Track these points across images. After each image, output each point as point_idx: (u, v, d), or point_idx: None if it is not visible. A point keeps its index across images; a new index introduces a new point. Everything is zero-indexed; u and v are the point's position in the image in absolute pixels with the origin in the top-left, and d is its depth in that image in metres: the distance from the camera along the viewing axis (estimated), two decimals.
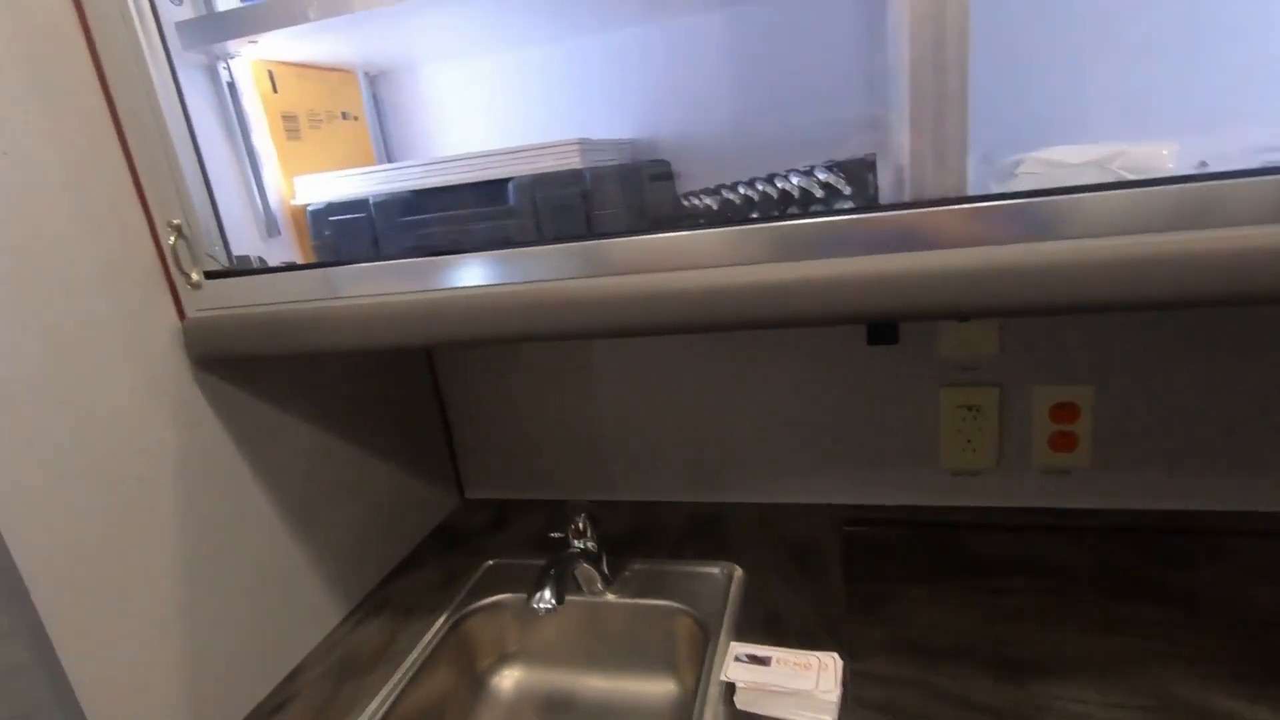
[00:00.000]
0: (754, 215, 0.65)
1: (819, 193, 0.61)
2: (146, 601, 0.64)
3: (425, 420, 1.06)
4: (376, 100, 0.92)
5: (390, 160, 0.93)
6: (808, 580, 0.81)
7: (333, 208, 0.73)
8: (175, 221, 0.65)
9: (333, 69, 0.85)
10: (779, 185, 0.64)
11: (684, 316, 0.54)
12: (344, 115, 0.86)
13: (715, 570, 0.85)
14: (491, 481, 1.13)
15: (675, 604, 0.81)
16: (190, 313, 0.68)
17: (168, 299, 0.67)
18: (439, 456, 1.09)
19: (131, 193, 0.64)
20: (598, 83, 0.84)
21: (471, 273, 0.63)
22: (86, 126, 0.61)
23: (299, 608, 0.81)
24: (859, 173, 0.63)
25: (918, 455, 0.92)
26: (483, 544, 0.99)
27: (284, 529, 0.80)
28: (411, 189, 0.72)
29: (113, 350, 0.62)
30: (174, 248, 0.65)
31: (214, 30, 0.63)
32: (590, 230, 0.66)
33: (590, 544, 0.83)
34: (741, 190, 0.66)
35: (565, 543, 0.82)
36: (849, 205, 0.59)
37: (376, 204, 0.72)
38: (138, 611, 0.63)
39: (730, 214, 0.67)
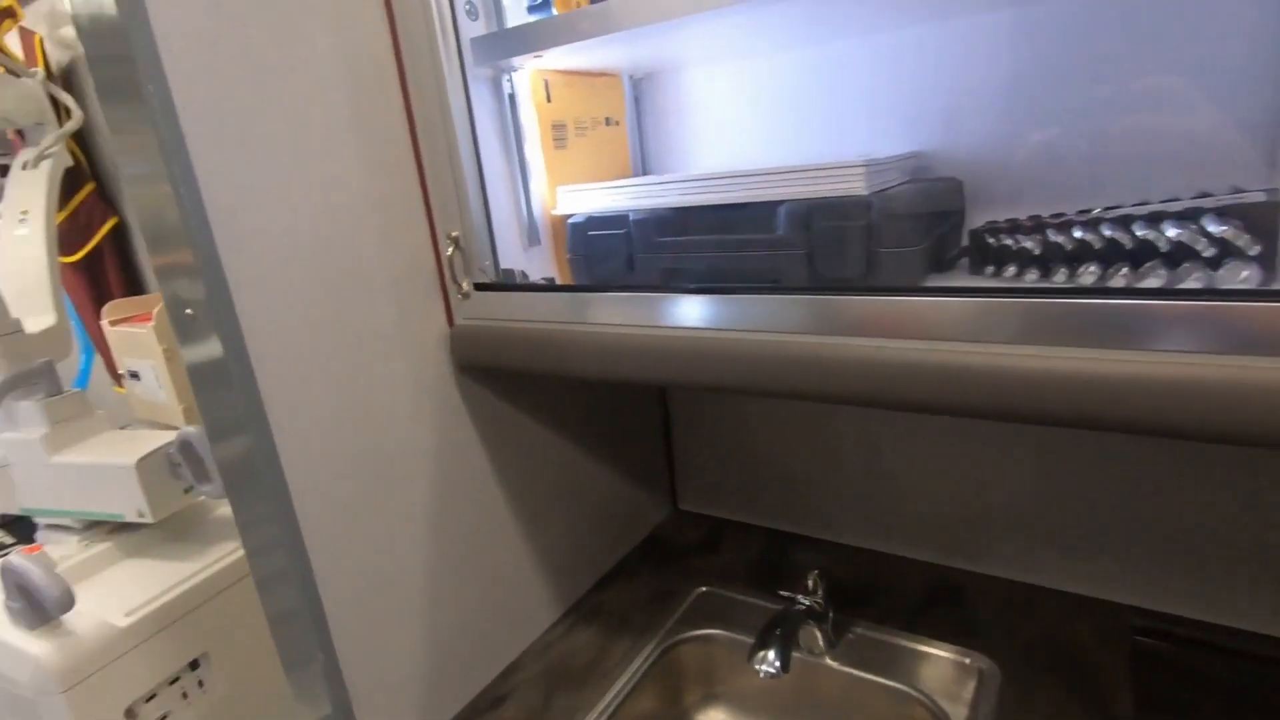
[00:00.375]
0: (1090, 270, 0.52)
1: (1205, 250, 0.46)
2: (398, 579, 0.69)
3: (646, 424, 1.05)
4: (638, 103, 0.90)
5: (645, 167, 0.90)
6: (1085, 699, 0.67)
7: (593, 221, 0.72)
8: (454, 234, 0.67)
9: (600, 74, 0.84)
10: (1137, 232, 0.50)
11: (1000, 407, 0.44)
12: (607, 121, 0.84)
13: (963, 660, 0.73)
14: (706, 496, 1.09)
15: (910, 690, 0.71)
16: (458, 320, 0.71)
17: (440, 306, 0.70)
18: (656, 463, 1.08)
19: (421, 206, 0.67)
20: (868, 86, 0.73)
21: (724, 314, 0.58)
22: (391, 142, 0.64)
23: (519, 605, 0.84)
24: (1266, 221, 0.47)
25: (1256, 564, 0.71)
26: (694, 565, 0.96)
27: (513, 526, 0.82)
28: (673, 206, 0.68)
29: (394, 352, 0.67)
30: (451, 259, 0.68)
31: (506, 45, 0.64)
32: (871, 269, 0.57)
33: (818, 602, 0.75)
34: (1078, 233, 0.53)
35: (791, 599, 0.76)
36: (1252, 270, 0.44)
37: (636, 221, 0.69)
38: (391, 588, 0.68)
39: (1053, 259, 0.54)
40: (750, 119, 0.83)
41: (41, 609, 0.88)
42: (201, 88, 0.51)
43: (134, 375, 1.39)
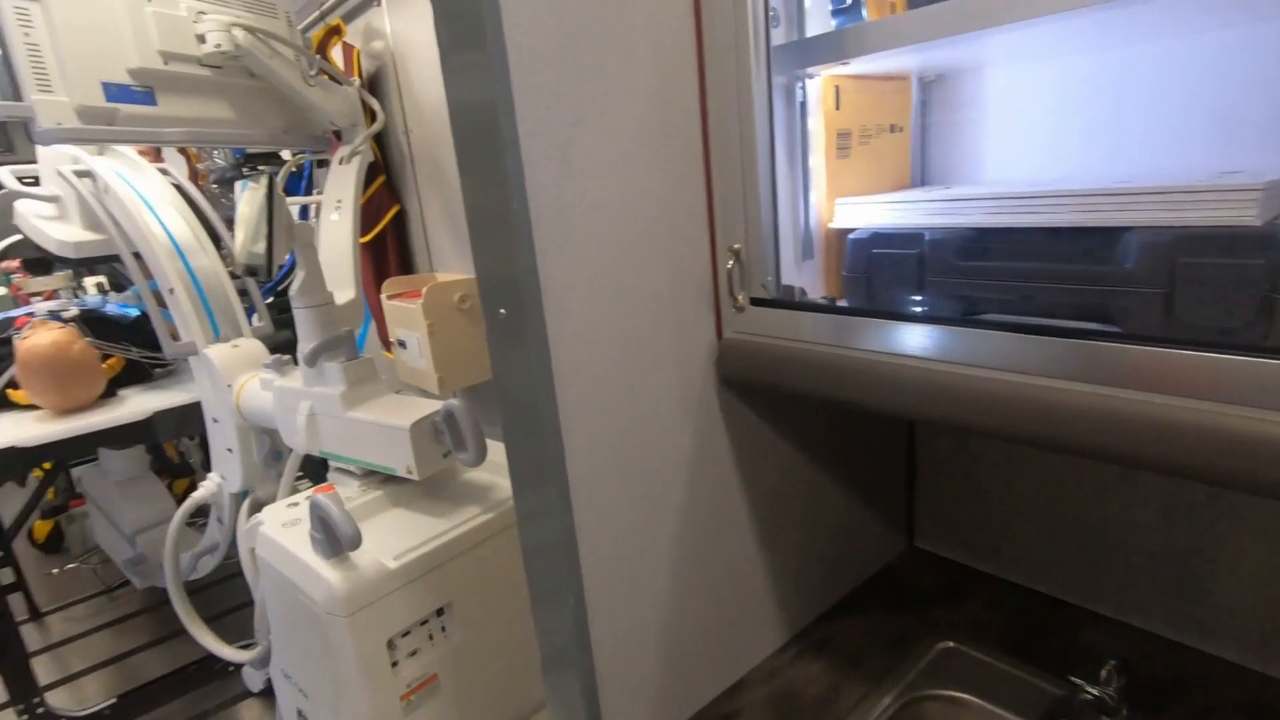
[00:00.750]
0: None
1: None
2: (647, 574, 0.70)
3: (890, 452, 0.98)
4: (924, 107, 0.82)
5: (925, 177, 0.83)
6: None
7: (878, 239, 0.67)
8: (735, 246, 0.66)
9: (888, 78, 0.78)
10: None
11: None
12: (891, 128, 0.79)
13: None
14: (947, 538, 0.99)
15: None
16: (727, 334, 0.70)
17: (711, 318, 0.70)
18: (894, 493, 1.00)
19: (704, 217, 0.67)
20: (1200, 90, 0.60)
21: (1034, 356, 0.51)
22: (686, 153, 0.64)
23: (750, 622, 0.82)
24: None
25: None
26: (934, 614, 0.88)
27: (751, 541, 0.81)
28: (978, 225, 0.61)
29: (664, 360, 0.67)
30: (730, 272, 0.67)
31: (812, 54, 0.61)
32: (1265, 321, 0.46)
33: (1110, 695, 0.65)
34: None
35: (1079, 686, 0.66)
36: None
37: (932, 241, 0.63)
38: (640, 580, 0.69)
39: None
40: (1054, 125, 0.72)
41: (337, 543, 1.03)
42: (540, 109, 0.54)
43: (402, 344, 1.58)
